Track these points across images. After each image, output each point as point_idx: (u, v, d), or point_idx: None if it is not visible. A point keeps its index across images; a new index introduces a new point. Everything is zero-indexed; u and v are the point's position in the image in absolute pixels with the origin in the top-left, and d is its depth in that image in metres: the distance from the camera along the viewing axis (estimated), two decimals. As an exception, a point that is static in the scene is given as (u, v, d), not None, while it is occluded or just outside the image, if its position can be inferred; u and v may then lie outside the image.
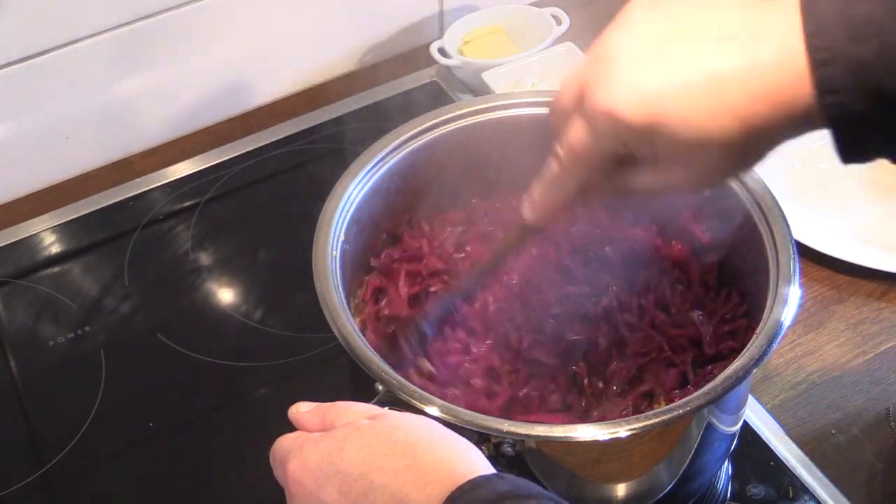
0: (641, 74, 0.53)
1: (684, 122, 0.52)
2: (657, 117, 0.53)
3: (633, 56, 0.54)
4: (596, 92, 0.55)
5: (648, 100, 0.53)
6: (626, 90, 0.53)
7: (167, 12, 1.07)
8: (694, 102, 0.52)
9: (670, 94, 0.52)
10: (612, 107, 0.54)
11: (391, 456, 0.54)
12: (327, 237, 0.72)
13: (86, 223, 1.08)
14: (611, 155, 0.57)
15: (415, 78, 1.21)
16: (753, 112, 0.52)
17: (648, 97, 0.53)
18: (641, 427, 0.61)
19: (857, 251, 0.96)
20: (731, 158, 0.55)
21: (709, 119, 0.52)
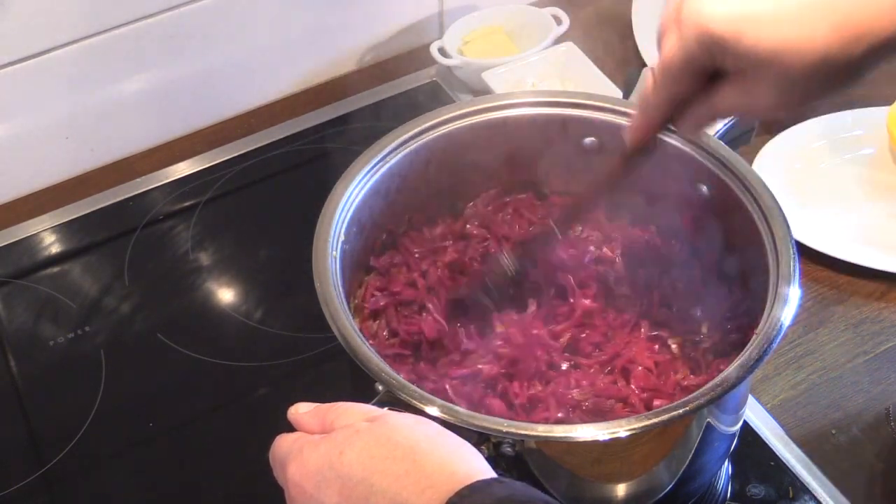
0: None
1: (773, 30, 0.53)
2: (742, 26, 0.53)
3: None
4: (687, 4, 0.56)
5: (735, 10, 0.54)
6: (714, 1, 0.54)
7: (167, 12, 1.07)
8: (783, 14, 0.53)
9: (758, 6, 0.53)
10: (698, 15, 0.55)
11: (391, 460, 0.54)
12: (327, 237, 0.72)
13: (86, 223, 1.08)
14: (699, 66, 0.58)
15: (415, 78, 1.21)
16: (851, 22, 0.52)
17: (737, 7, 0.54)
18: (641, 427, 0.61)
19: (857, 251, 0.96)
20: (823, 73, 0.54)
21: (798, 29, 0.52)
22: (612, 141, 0.80)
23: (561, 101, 0.81)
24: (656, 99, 0.62)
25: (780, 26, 0.53)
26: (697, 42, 0.56)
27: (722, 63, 0.57)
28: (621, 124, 0.78)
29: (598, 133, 0.80)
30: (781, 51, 0.53)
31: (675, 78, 0.60)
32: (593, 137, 0.81)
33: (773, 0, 0.53)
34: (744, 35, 0.54)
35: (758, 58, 0.54)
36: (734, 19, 0.54)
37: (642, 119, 0.65)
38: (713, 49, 0.56)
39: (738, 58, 0.55)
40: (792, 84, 0.55)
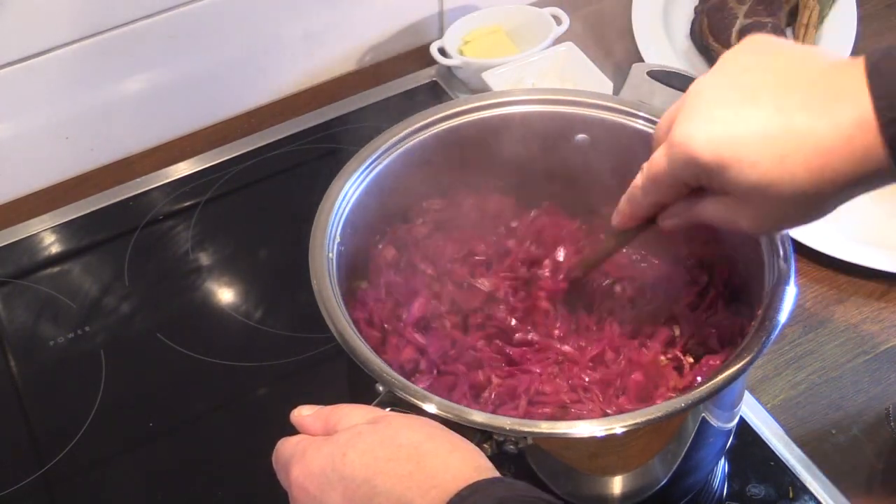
0: (721, 117, 0.57)
1: (754, 168, 0.56)
2: (727, 159, 0.57)
3: (719, 99, 0.58)
4: (677, 125, 0.59)
5: (722, 140, 0.57)
6: (704, 128, 0.58)
7: (167, 12, 1.07)
8: (768, 151, 0.56)
9: (745, 139, 0.56)
10: (687, 141, 0.58)
11: (394, 461, 0.54)
12: (323, 238, 0.72)
13: (86, 223, 1.08)
14: (683, 183, 0.61)
15: (415, 78, 1.21)
16: (827, 167, 0.55)
17: (723, 139, 0.57)
18: (638, 423, 0.61)
19: (857, 251, 0.96)
20: (800, 207, 0.58)
21: (780, 168, 0.56)
22: (603, 137, 0.80)
23: (553, 99, 0.81)
24: (641, 198, 0.66)
25: (762, 162, 0.56)
26: (684, 166, 0.59)
27: (707, 186, 0.60)
28: (613, 120, 0.79)
29: (591, 130, 0.80)
30: (763, 186, 0.56)
31: (661, 188, 0.63)
32: (584, 134, 0.81)
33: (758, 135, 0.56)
34: (730, 168, 0.57)
35: (740, 188, 0.57)
36: (720, 151, 0.57)
37: (628, 209, 0.68)
38: (699, 174, 0.59)
39: (723, 185, 0.58)
40: (769, 212, 0.59)
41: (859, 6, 1.20)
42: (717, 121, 0.57)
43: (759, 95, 0.57)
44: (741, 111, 0.57)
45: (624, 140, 0.79)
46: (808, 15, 1.18)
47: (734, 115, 0.57)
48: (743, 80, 0.58)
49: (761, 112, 0.56)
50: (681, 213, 0.65)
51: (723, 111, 0.58)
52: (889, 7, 1.26)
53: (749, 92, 0.57)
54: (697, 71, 1.16)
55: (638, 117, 0.78)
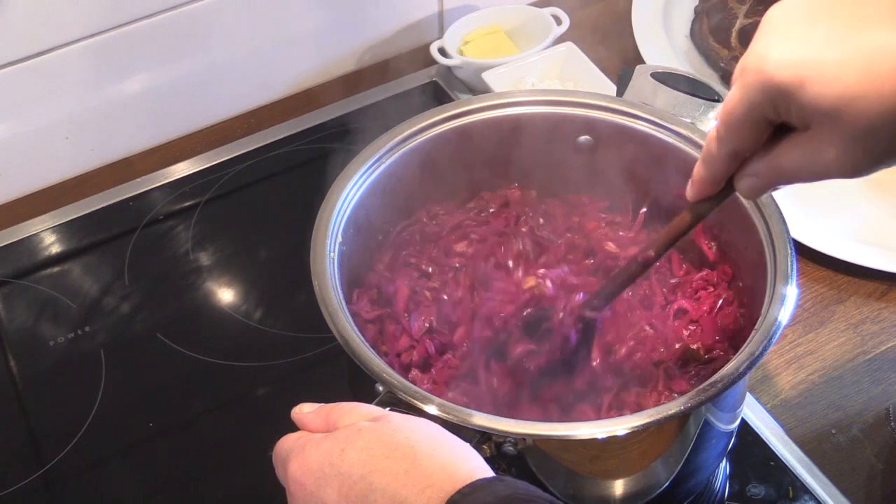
0: (797, 34, 0.52)
1: (837, 81, 0.50)
2: (806, 74, 0.51)
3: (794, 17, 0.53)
4: (751, 48, 0.54)
5: (800, 57, 0.51)
6: (778, 47, 0.52)
7: (167, 12, 1.07)
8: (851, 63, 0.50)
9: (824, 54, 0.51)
10: (761, 62, 0.53)
11: (392, 459, 0.54)
12: (325, 239, 0.72)
13: (86, 223, 1.08)
14: (762, 118, 0.55)
15: (415, 78, 1.21)
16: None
17: (800, 54, 0.51)
18: (639, 425, 0.61)
19: (857, 251, 0.96)
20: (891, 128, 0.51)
21: (867, 80, 0.50)
22: (607, 139, 0.80)
23: (556, 100, 0.81)
24: (719, 152, 0.58)
25: (845, 74, 0.50)
26: (760, 91, 0.53)
27: (786, 115, 0.54)
28: (615, 122, 0.79)
29: (592, 131, 0.80)
30: (847, 101, 0.50)
31: (738, 130, 0.56)
32: (587, 136, 0.81)
33: (839, 47, 0.51)
34: (807, 83, 0.51)
35: (821, 108, 0.51)
36: (798, 66, 0.51)
37: (705, 172, 0.61)
38: (776, 98, 0.53)
39: (802, 108, 0.52)
40: (858, 140, 0.52)
41: (859, 6, 1.20)
42: (793, 37, 0.52)
43: (837, 9, 0.52)
44: (818, 26, 0.51)
45: (627, 141, 0.79)
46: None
47: (811, 30, 0.52)
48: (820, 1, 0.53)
49: (841, 26, 0.51)
50: (760, 171, 0.58)
51: (798, 28, 0.52)
52: (889, 7, 1.26)
53: (826, 7, 0.52)
54: (698, 71, 1.16)
55: (641, 119, 0.78)
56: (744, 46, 1.13)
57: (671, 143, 0.77)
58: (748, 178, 0.59)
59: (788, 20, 0.53)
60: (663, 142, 0.77)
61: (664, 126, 0.77)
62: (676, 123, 0.77)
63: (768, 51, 0.53)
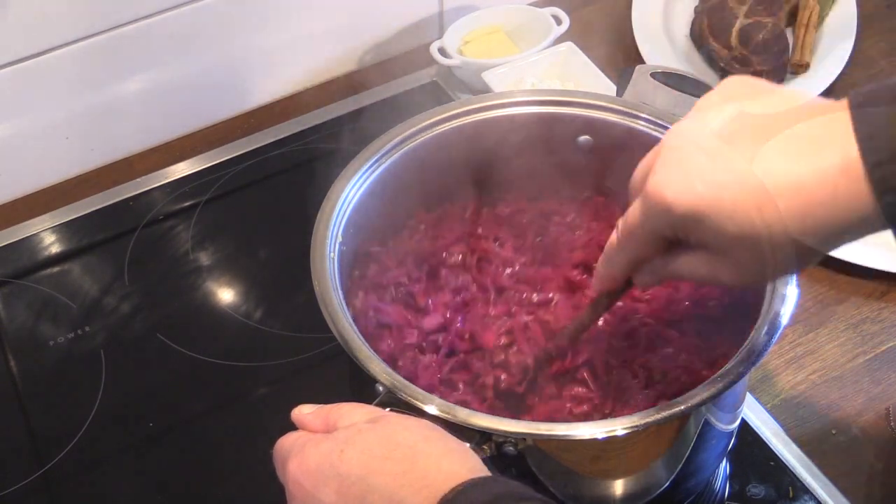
0: (697, 165, 0.54)
1: (731, 219, 0.53)
2: (704, 209, 0.54)
3: (695, 147, 0.55)
4: (652, 175, 0.56)
5: (698, 192, 0.54)
6: (678, 178, 0.55)
7: (167, 12, 1.07)
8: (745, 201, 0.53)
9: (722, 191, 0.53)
10: (661, 191, 0.55)
11: (390, 460, 0.54)
12: (325, 239, 0.72)
13: (86, 223, 1.08)
14: (658, 236, 0.59)
15: (415, 78, 1.21)
16: (809, 217, 0.52)
17: (699, 189, 0.54)
18: (639, 425, 0.61)
19: (857, 251, 0.96)
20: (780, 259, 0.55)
21: (759, 219, 0.52)
22: (606, 138, 0.80)
23: (556, 100, 0.81)
24: (617, 255, 0.63)
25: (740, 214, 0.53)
26: (659, 216, 0.56)
27: (684, 237, 0.57)
28: (615, 122, 0.79)
29: (592, 131, 0.80)
30: (739, 237, 0.53)
31: (638, 243, 0.60)
32: (587, 136, 0.81)
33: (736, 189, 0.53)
34: (705, 219, 0.54)
35: (717, 241, 0.55)
36: (696, 202, 0.54)
37: (606, 271, 0.65)
38: (674, 225, 0.56)
39: (699, 237, 0.56)
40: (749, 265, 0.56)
41: (859, 6, 1.20)
42: (693, 169, 0.54)
43: (737, 142, 0.54)
44: (718, 159, 0.54)
45: (627, 141, 0.79)
46: (808, 15, 1.18)
47: (710, 163, 0.54)
48: (720, 126, 0.55)
49: (739, 159, 0.53)
50: (657, 271, 0.62)
51: (698, 159, 0.54)
52: (889, 7, 1.26)
53: (726, 138, 0.54)
54: (698, 71, 1.16)
55: (641, 119, 0.78)
56: (744, 46, 1.13)
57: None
58: (647, 276, 0.63)
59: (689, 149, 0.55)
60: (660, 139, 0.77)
61: (664, 126, 0.77)
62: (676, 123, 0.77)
63: (668, 184, 0.55)
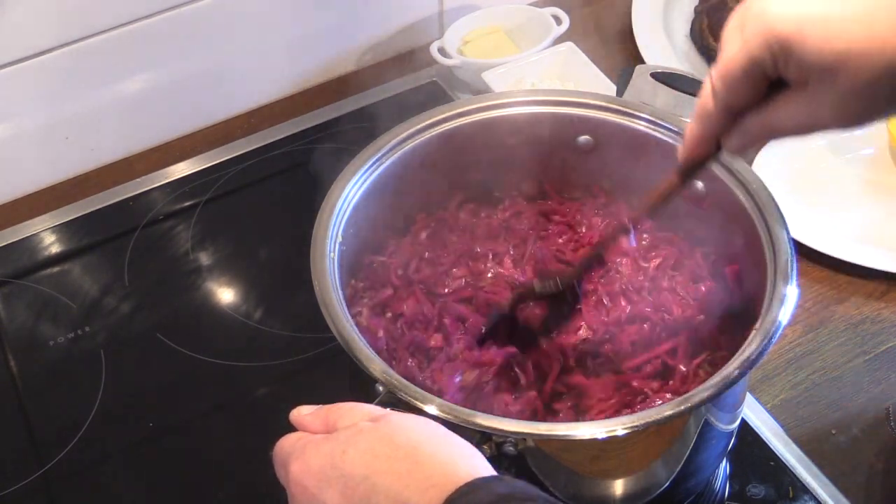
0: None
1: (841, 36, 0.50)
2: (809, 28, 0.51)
3: None
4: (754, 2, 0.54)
5: (803, 8, 0.51)
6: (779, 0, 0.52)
7: (167, 12, 1.07)
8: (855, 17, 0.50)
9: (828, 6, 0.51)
10: (763, 13, 0.53)
11: (394, 459, 0.54)
12: (325, 238, 0.72)
13: (86, 223, 1.08)
14: (761, 72, 0.55)
15: (415, 78, 1.21)
16: None
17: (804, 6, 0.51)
18: (639, 425, 0.61)
19: (857, 251, 0.96)
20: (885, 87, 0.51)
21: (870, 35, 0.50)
22: (607, 139, 0.80)
23: (556, 100, 0.81)
24: (715, 108, 0.58)
25: (847, 28, 0.50)
26: (761, 44, 0.53)
27: (785, 69, 0.53)
28: (615, 122, 0.79)
29: (592, 131, 0.80)
30: (848, 55, 0.50)
31: (735, 84, 0.56)
32: (587, 136, 0.81)
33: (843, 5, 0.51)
34: (809, 36, 0.51)
35: (823, 62, 0.51)
36: (800, 19, 0.51)
37: (699, 129, 0.60)
38: (777, 52, 0.53)
39: (803, 62, 0.52)
40: (857, 95, 0.52)
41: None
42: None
43: None
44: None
45: (627, 141, 0.79)
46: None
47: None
48: None
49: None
50: (752, 128, 0.57)
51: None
52: (889, 7, 1.26)
53: None
54: (698, 71, 1.16)
55: (641, 118, 0.78)
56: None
57: (671, 143, 0.77)
58: (739, 135, 0.59)
59: None
60: (663, 142, 0.77)
61: (664, 126, 0.77)
62: (676, 123, 0.77)
63: (770, 3, 0.52)
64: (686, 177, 0.65)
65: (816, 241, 0.96)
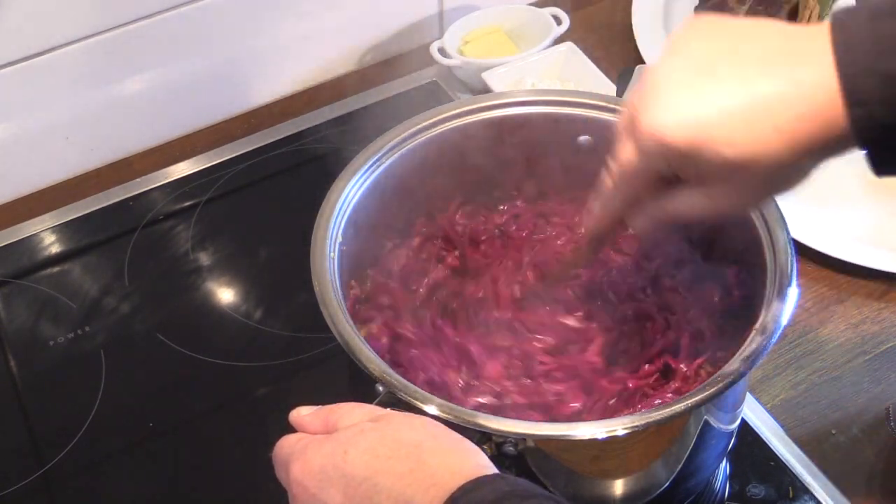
0: (685, 99, 0.55)
1: (729, 144, 0.54)
2: (701, 140, 0.54)
3: (679, 81, 0.56)
4: (643, 116, 0.57)
5: (692, 123, 0.55)
6: (671, 114, 0.55)
7: (167, 12, 1.07)
8: (739, 125, 0.54)
9: (714, 118, 0.54)
10: (656, 130, 0.56)
11: (395, 459, 0.54)
12: (325, 238, 0.72)
13: (86, 223, 1.08)
14: (657, 174, 0.59)
15: (415, 78, 1.21)
16: (799, 131, 0.53)
17: (692, 121, 0.55)
18: (639, 425, 0.61)
19: (857, 251, 0.96)
20: (776, 177, 0.56)
21: (754, 140, 0.53)
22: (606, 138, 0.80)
23: (556, 100, 0.81)
24: (612, 198, 0.63)
25: (737, 140, 0.54)
26: (657, 154, 0.57)
27: (681, 171, 0.58)
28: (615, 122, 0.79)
29: (592, 131, 0.80)
30: (740, 163, 0.54)
31: (633, 183, 0.61)
32: (587, 136, 0.81)
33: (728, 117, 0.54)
34: (704, 150, 0.54)
35: (717, 170, 0.55)
36: (693, 133, 0.54)
37: (601, 209, 0.66)
38: (672, 161, 0.57)
39: (698, 170, 0.56)
40: (749, 189, 0.57)
41: (859, 6, 1.20)
42: (682, 103, 0.55)
43: (717, 69, 0.55)
44: (703, 89, 0.55)
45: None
46: (808, 15, 1.18)
47: (697, 95, 0.55)
48: (697, 56, 0.56)
49: (723, 86, 0.54)
50: (653, 213, 0.62)
51: (685, 92, 0.55)
52: (889, 7, 1.26)
53: (706, 67, 0.55)
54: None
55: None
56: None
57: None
58: (642, 218, 0.63)
59: (673, 83, 0.56)
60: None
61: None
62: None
63: (664, 115, 0.55)
64: (594, 248, 0.71)
65: (816, 241, 0.96)
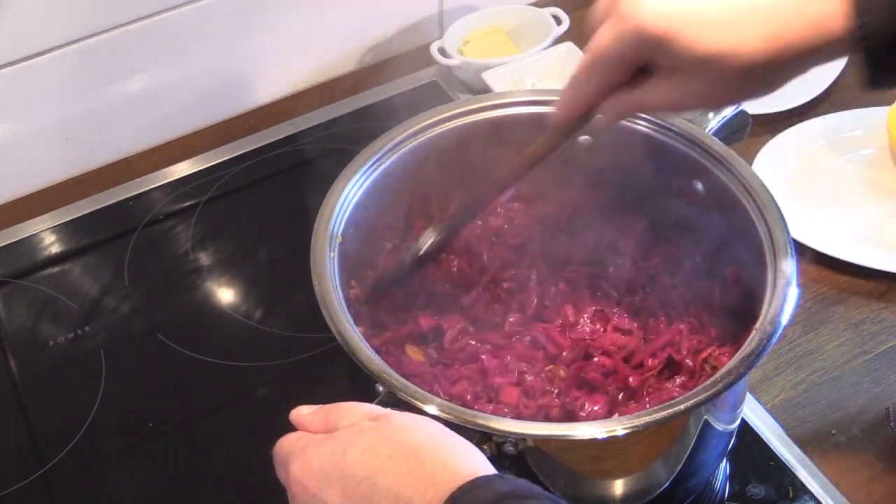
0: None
1: (707, 37, 0.54)
2: (678, 29, 0.55)
3: None
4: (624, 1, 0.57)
5: (673, 11, 0.55)
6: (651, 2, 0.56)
7: (167, 12, 1.07)
8: (720, 18, 0.54)
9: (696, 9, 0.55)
10: (634, 13, 0.56)
11: (394, 459, 0.54)
12: (325, 238, 0.72)
13: (86, 223, 1.08)
14: (631, 59, 0.59)
15: (415, 78, 1.21)
16: (781, 36, 0.54)
17: (673, 8, 0.55)
18: (639, 425, 0.61)
19: (857, 251, 0.96)
20: (749, 79, 0.56)
21: (733, 37, 0.54)
22: (607, 138, 0.80)
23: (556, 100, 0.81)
24: (586, 81, 0.63)
25: (715, 32, 0.54)
26: (634, 38, 0.57)
27: (655, 59, 0.58)
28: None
29: (592, 131, 0.80)
30: (715, 55, 0.55)
31: (607, 68, 0.61)
32: (587, 136, 0.81)
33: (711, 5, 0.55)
34: (680, 37, 0.55)
35: (692, 59, 0.56)
36: (672, 20, 0.55)
37: (572, 98, 0.65)
38: (649, 47, 0.57)
39: (673, 58, 0.57)
40: (719, 85, 0.57)
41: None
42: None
43: None
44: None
45: (627, 141, 0.79)
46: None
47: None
48: None
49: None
50: (623, 102, 0.62)
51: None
52: (889, 7, 1.26)
53: None
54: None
55: (641, 118, 0.78)
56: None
57: (671, 143, 0.77)
58: (613, 107, 0.63)
59: None
60: (663, 142, 0.77)
61: (664, 126, 0.77)
62: (676, 123, 0.77)
63: (642, 6, 0.56)
64: (559, 139, 0.69)
65: (816, 241, 0.96)
